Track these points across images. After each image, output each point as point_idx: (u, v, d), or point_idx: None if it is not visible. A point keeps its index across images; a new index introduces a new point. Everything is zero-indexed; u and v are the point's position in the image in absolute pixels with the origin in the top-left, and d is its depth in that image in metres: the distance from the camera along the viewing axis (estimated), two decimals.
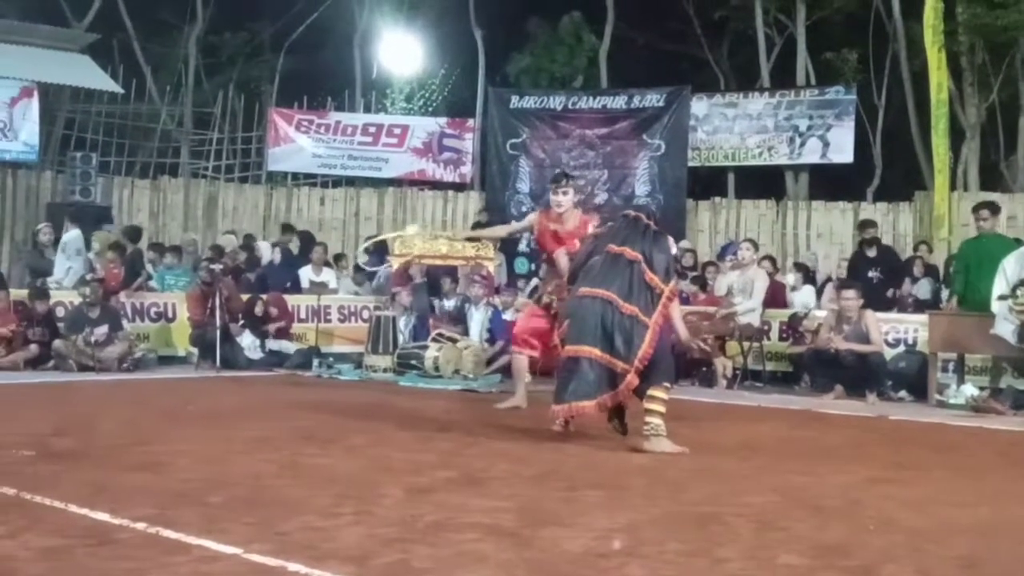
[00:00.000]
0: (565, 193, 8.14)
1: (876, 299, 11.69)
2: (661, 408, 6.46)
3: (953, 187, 15.63)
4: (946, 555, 4.04)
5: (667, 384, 6.57)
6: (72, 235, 13.16)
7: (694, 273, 13.96)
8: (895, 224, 16.28)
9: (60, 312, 11.91)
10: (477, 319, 12.42)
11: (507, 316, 12.53)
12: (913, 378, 10.72)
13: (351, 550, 3.79)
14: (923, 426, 8.66)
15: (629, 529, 4.25)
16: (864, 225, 13.60)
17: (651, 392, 6.45)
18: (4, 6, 18.21)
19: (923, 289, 12.88)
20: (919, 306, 12.19)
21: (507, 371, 11.83)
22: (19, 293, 12.16)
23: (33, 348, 11.40)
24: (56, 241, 13.30)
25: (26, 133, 15.46)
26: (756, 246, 12.46)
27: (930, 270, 13.30)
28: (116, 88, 16.79)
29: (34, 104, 15.49)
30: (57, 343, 11.32)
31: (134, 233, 14.46)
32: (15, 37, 15.92)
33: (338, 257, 15.58)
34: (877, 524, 4.52)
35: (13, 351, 11.33)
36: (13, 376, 10.64)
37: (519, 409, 8.20)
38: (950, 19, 15.31)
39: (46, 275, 12.95)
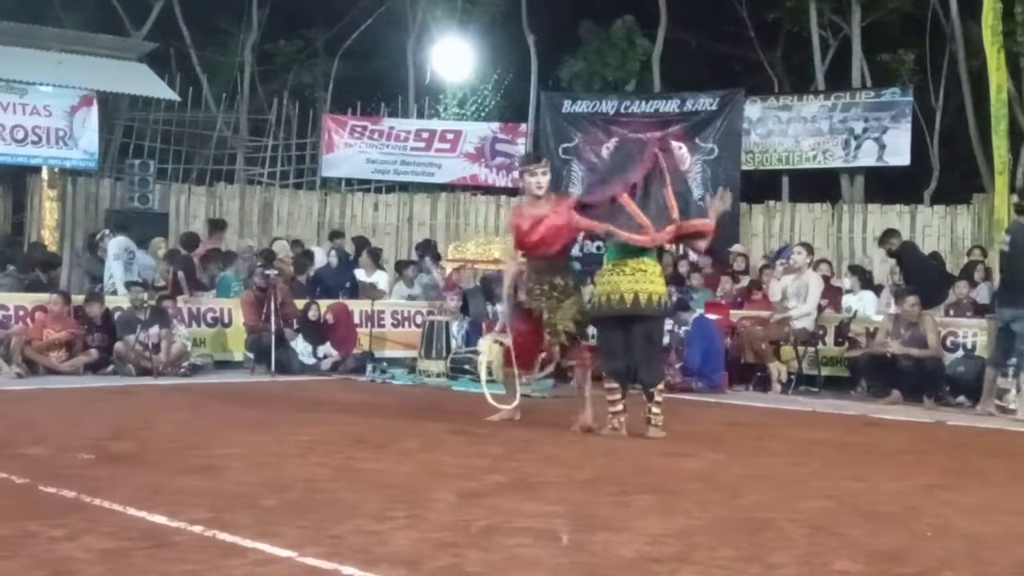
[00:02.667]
0: (544, 173, 7.61)
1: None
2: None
3: (1013, 189, 15.36)
4: (1006, 562, 3.99)
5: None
6: (112, 241, 13.39)
7: (749, 278, 13.85)
8: (953, 227, 16.06)
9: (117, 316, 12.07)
10: None
11: None
12: (971, 383, 10.56)
13: (404, 554, 3.81)
14: (982, 432, 8.55)
15: (682, 534, 4.24)
16: (884, 236, 13.18)
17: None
18: (65, 16, 18.53)
19: (982, 293, 12.70)
20: (978, 310, 12.01)
21: (560, 376, 11.87)
22: (80, 298, 12.33)
23: (93, 352, 11.57)
24: None
25: (86, 141, 15.67)
26: (810, 250, 12.34)
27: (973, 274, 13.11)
28: (173, 96, 16.98)
29: (94, 112, 15.70)
30: (118, 346, 11.47)
31: (188, 240, 14.60)
32: (75, 47, 16.15)
33: (400, 264, 15.57)
34: (934, 531, 4.47)
35: (74, 355, 11.50)
36: (74, 380, 10.81)
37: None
38: (1008, 19, 15.07)
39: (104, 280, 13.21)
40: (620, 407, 7.23)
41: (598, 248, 14.15)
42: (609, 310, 7.16)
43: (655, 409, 7.24)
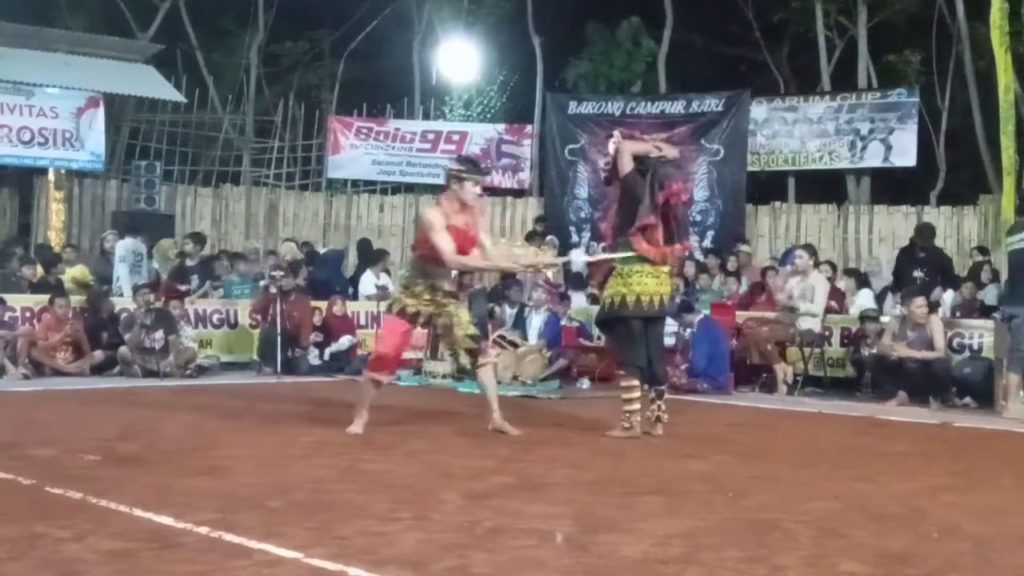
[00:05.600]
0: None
1: None
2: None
3: (1020, 189, 15.34)
4: (1013, 564, 3.98)
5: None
6: (119, 244, 13.42)
7: (747, 279, 13.83)
8: (959, 228, 16.03)
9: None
10: (535, 324, 12.42)
11: (562, 321, 12.55)
12: (978, 385, 10.53)
13: (410, 555, 3.81)
14: (988, 434, 8.52)
15: (688, 535, 4.23)
16: (925, 231, 13.24)
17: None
18: (71, 18, 18.57)
19: (990, 295, 12.67)
20: (985, 311, 11.99)
21: (565, 377, 11.88)
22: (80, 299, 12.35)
23: (98, 354, 11.57)
24: None
25: (92, 143, 15.72)
26: (814, 251, 12.28)
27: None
28: (179, 98, 17.02)
29: (100, 114, 15.75)
30: (122, 349, 11.48)
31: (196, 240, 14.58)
32: (82, 48, 16.20)
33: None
34: (941, 532, 4.46)
35: (81, 356, 11.51)
36: (80, 382, 10.82)
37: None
38: (1015, 20, 15.04)
39: (112, 282, 13.22)
40: (637, 406, 7.26)
41: (603, 250, 14.17)
42: (639, 311, 7.24)
43: (664, 407, 7.36)
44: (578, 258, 9.86)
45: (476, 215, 7.33)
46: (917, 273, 12.47)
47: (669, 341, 10.01)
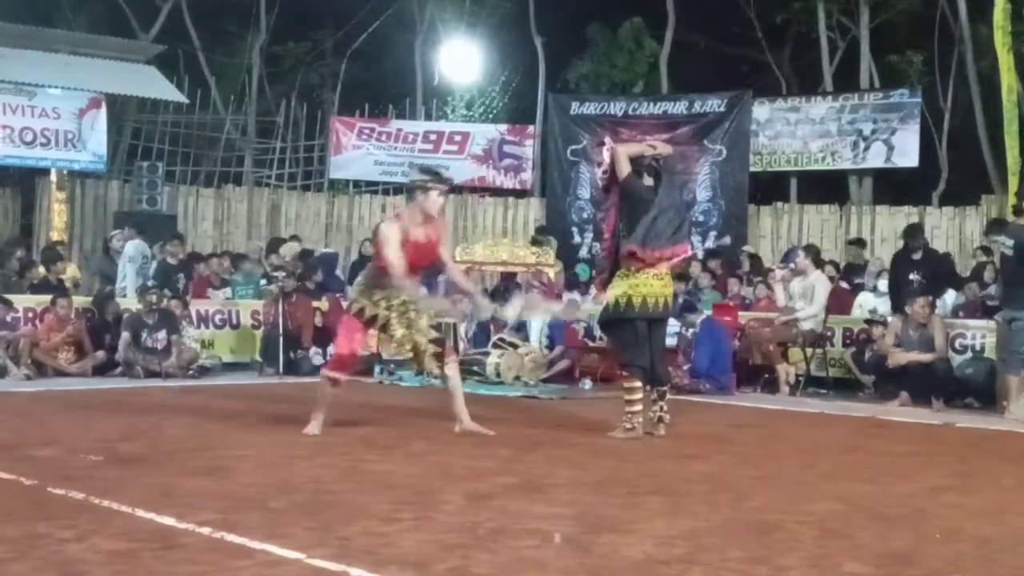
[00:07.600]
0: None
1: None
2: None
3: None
4: (1015, 565, 3.97)
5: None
6: (129, 243, 13.41)
7: (758, 279, 13.82)
8: (961, 228, 16.02)
9: None
10: (535, 326, 12.42)
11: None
12: (981, 385, 10.52)
13: (412, 555, 3.81)
14: (991, 434, 8.51)
15: (690, 536, 4.23)
16: (912, 232, 13.12)
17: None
18: (73, 19, 18.58)
19: (993, 295, 12.65)
20: (988, 311, 11.97)
21: (566, 377, 11.88)
22: (83, 300, 12.36)
23: (100, 355, 11.57)
24: None
25: (94, 143, 15.72)
26: (812, 251, 12.22)
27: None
28: (181, 98, 17.02)
29: (102, 115, 15.75)
30: (123, 351, 11.48)
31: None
32: (84, 49, 16.21)
33: None
34: (944, 533, 4.46)
35: (83, 356, 11.51)
36: (82, 382, 10.83)
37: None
38: (1017, 20, 15.05)
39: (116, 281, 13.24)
40: (639, 407, 7.26)
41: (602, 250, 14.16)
42: (644, 312, 7.25)
43: (666, 407, 7.39)
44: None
45: (440, 228, 7.20)
46: (913, 276, 12.39)
47: (671, 341, 10.02)
